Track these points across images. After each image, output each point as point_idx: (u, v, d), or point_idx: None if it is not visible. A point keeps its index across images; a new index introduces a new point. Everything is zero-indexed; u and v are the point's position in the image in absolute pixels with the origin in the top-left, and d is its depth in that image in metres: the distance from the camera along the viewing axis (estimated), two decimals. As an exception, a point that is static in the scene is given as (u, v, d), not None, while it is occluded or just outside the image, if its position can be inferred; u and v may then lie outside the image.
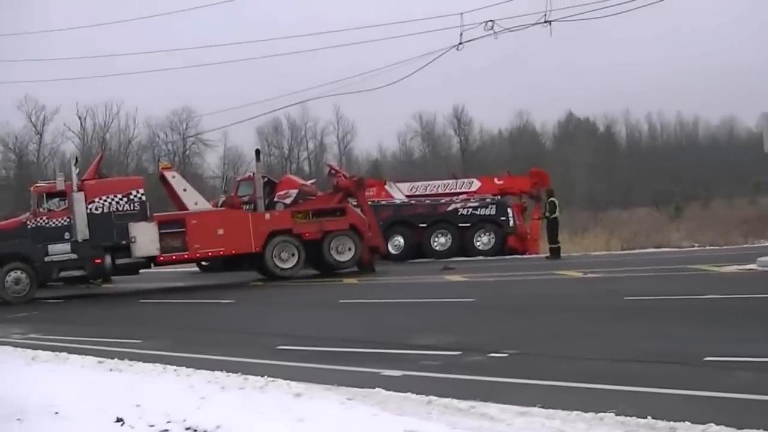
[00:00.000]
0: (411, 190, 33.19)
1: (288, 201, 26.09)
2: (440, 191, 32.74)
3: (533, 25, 22.69)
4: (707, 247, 28.00)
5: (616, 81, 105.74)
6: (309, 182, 29.85)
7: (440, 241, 29.89)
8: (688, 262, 20.40)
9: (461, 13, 23.88)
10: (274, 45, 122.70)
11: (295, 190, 26.75)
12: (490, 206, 29.95)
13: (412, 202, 31.56)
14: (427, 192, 32.92)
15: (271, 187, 27.10)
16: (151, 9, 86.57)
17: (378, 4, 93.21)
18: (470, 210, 29.92)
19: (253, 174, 26.58)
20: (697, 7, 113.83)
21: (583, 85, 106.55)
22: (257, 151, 28.76)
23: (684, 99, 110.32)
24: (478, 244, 29.59)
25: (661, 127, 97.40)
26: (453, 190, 32.52)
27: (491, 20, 22.91)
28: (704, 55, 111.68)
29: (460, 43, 23.99)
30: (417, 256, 29.64)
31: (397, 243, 30.05)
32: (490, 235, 29.57)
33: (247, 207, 25.82)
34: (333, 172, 29.29)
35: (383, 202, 30.82)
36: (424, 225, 30.03)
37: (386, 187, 32.91)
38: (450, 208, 30.21)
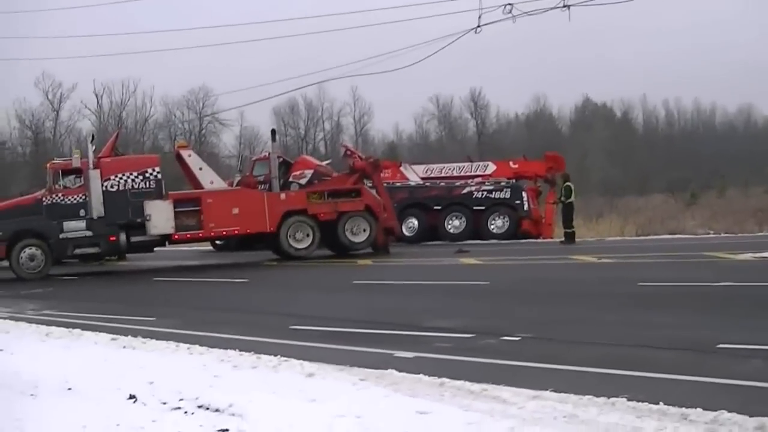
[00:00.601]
0: (426, 172, 33.18)
1: (303, 181, 26.10)
2: (455, 174, 32.74)
3: (552, 9, 22.51)
4: (722, 235, 27.84)
5: (633, 67, 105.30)
6: (324, 163, 29.84)
7: (454, 224, 29.89)
8: (703, 249, 20.29)
9: (480, -4, 23.70)
10: (292, 25, 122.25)
11: (311, 171, 26.76)
12: (504, 190, 29.92)
13: (427, 184, 31.56)
14: (442, 174, 32.91)
15: (286, 167, 27.15)
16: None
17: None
18: (485, 193, 29.90)
19: (269, 154, 26.57)
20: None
21: (600, 70, 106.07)
22: (273, 131, 28.73)
23: (701, 86, 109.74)
24: (492, 227, 29.58)
25: (678, 114, 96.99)
26: (468, 173, 32.48)
27: (510, 3, 22.69)
28: (722, 44, 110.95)
29: (478, 26, 23.79)
30: (431, 239, 29.66)
31: (411, 225, 30.08)
32: (504, 218, 29.53)
33: (262, 187, 25.86)
34: (349, 153, 29.31)
35: (398, 184, 30.81)
36: (439, 207, 30.04)
37: (401, 168, 32.92)
38: (465, 191, 30.19)
